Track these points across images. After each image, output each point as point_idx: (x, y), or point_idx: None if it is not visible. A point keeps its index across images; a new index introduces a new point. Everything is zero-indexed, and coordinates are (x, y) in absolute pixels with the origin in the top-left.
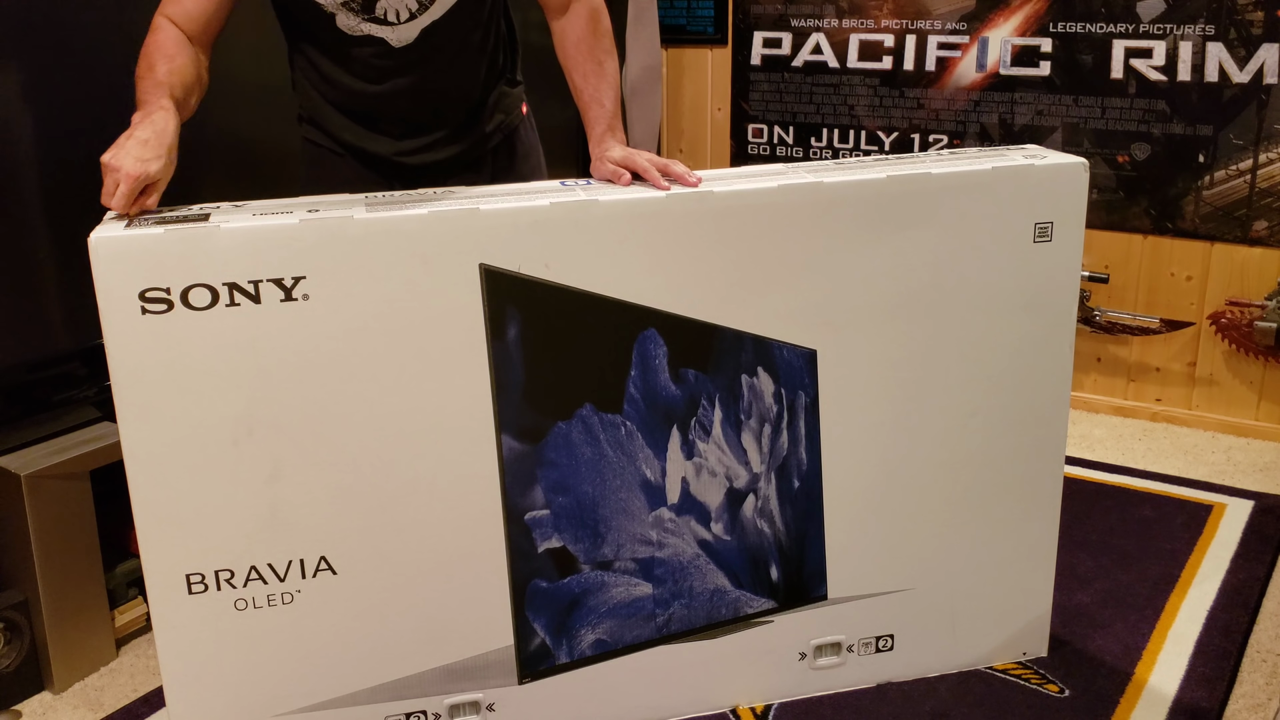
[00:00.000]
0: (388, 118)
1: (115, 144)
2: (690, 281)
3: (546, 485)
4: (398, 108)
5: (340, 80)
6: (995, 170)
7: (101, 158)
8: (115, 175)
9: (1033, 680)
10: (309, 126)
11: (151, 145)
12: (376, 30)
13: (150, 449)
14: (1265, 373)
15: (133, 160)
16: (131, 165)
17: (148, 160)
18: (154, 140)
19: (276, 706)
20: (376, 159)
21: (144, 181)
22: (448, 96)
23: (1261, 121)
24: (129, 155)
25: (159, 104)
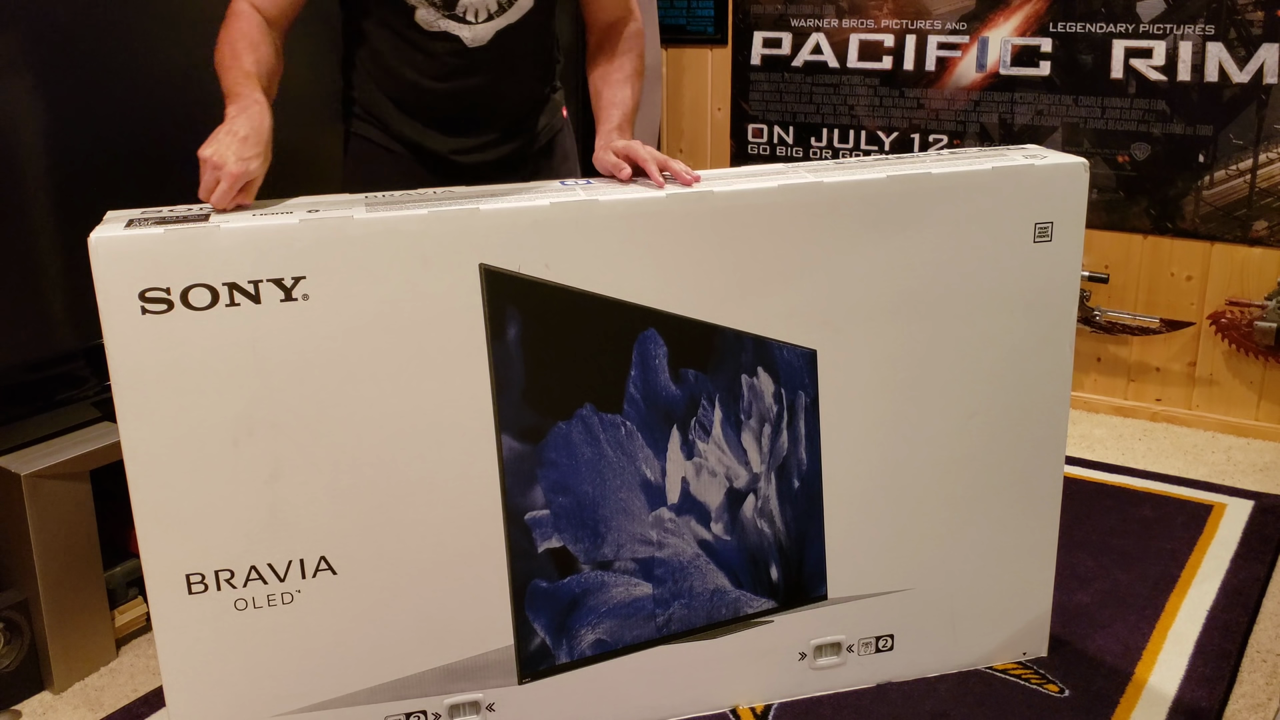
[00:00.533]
0: (446, 115)
1: (212, 138)
2: (690, 281)
3: (546, 485)
4: (459, 106)
5: (404, 75)
6: (995, 170)
7: (200, 152)
8: (217, 172)
9: (1033, 680)
10: (361, 122)
11: (251, 142)
12: (454, 28)
13: (150, 449)
14: (1265, 373)
15: (235, 159)
16: (234, 164)
17: (248, 159)
18: (253, 137)
19: (276, 706)
20: (428, 156)
21: (245, 180)
22: (508, 99)
23: (1261, 121)
24: (231, 153)
25: (253, 97)
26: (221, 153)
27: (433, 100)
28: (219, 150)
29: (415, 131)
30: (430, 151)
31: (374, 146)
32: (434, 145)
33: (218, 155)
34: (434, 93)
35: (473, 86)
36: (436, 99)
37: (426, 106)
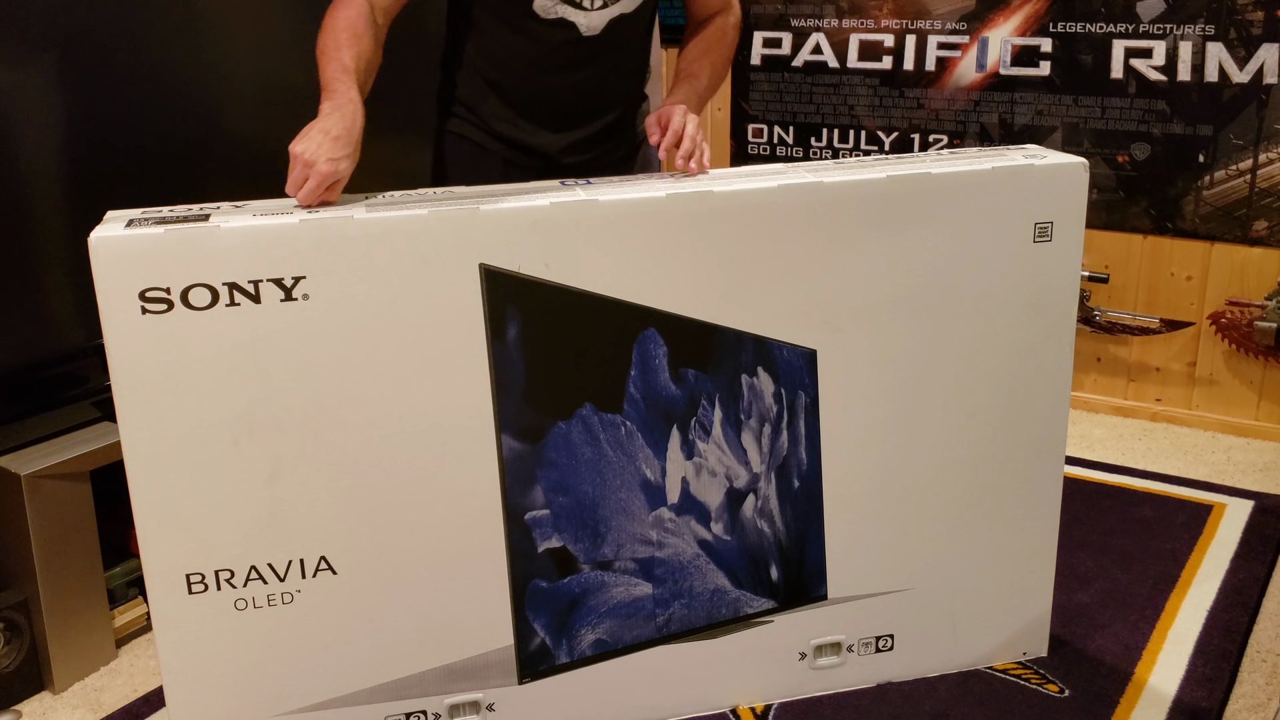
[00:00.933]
0: (552, 110)
1: (304, 134)
2: (690, 281)
3: (546, 485)
4: (566, 100)
5: (514, 65)
6: (995, 170)
7: (292, 148)
8: (307, 170)
9: (1033, 680)
10: (460, 120)
11: (342, 142)
12: (571, 14)
13: (150, 449)
14: (1265, 373)
15: (325, 158)
16: (324, 164)
17: (338, 159)
18: (345, 137)
19: (276, 706)
20: (527, 154)
21: (333, 179)
22: (612, 95)
23: (1261, 121)
24: (322, 153)
25: (349, 95)
26: (313, 151)
27: (541, 93)
28: (310, 148)
29: (517, 128)
30: (530, 149)
31: (471, 145)
32: (536, 141)
33: (309, 153)
34: (544, 85)
35: (583, 79)
36: (546, 92)
37: (534, 100)
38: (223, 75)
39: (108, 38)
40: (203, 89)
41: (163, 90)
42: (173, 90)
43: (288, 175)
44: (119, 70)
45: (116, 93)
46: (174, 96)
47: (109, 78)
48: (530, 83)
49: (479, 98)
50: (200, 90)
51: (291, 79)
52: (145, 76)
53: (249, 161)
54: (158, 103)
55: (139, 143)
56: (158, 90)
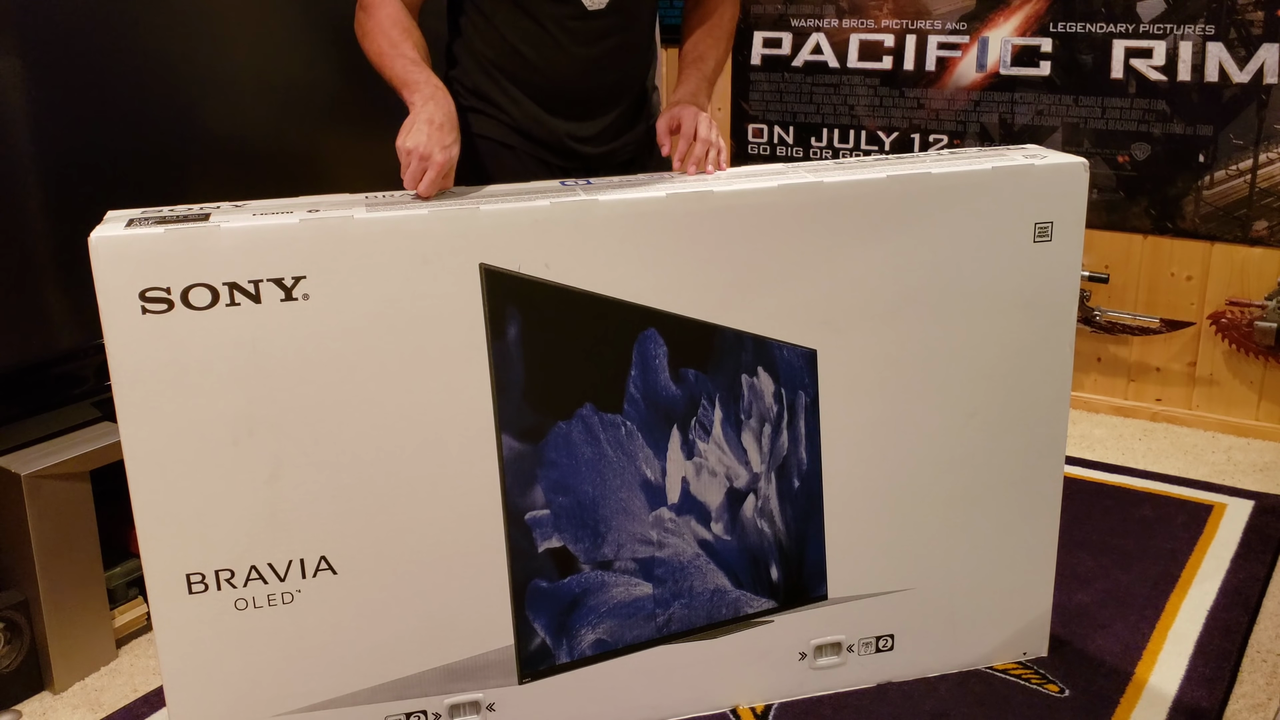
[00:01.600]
0: (564, 95)
1: (408, 129)
2: (690, 281)
3: (546, 485)
4: (578, 83)
5: (522, 49)
6: (995, 170)
7: (402, 144)
8: (424, 163)
9: (1033, 680)
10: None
11: (447, 129)
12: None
13: (150, 449)
14: (1265, 373)
15: (438, 148)
16: (439, 154)
17: (449, 146)
18: (447, 124)
19: (276, 706)
20: (552, 148)
21: (449, 167)
22: (621, 77)
23: (1261, 121)
24: (434, 143)
25: (434, 83)
26: (425, 143)
27: (552, 75)
28: (422, 140)
29: (530, 114)
30: (551, 142)
31: (494, 145)
32: (551, 128)
33: (423, 146)
34: (553, 68)
35: (592, 56)
36: (556, 73)
37: (545, 85)
38: (223, 75)
39: (108, 37)
40: (203, 89)
41: (163, 90)
42: (173, 90)
43: (402, 171)
44: (119, 70)
45: (116, 92)
46: (174, 96)
47: (109, 78)
48: (538, 69)
49: (491, 87)
50: (201, 90)
51: (292, 79)
52: (145, 76)
53: (249, 161)
54: (157, 103)
55: (139, 143)
56: (158, 90)
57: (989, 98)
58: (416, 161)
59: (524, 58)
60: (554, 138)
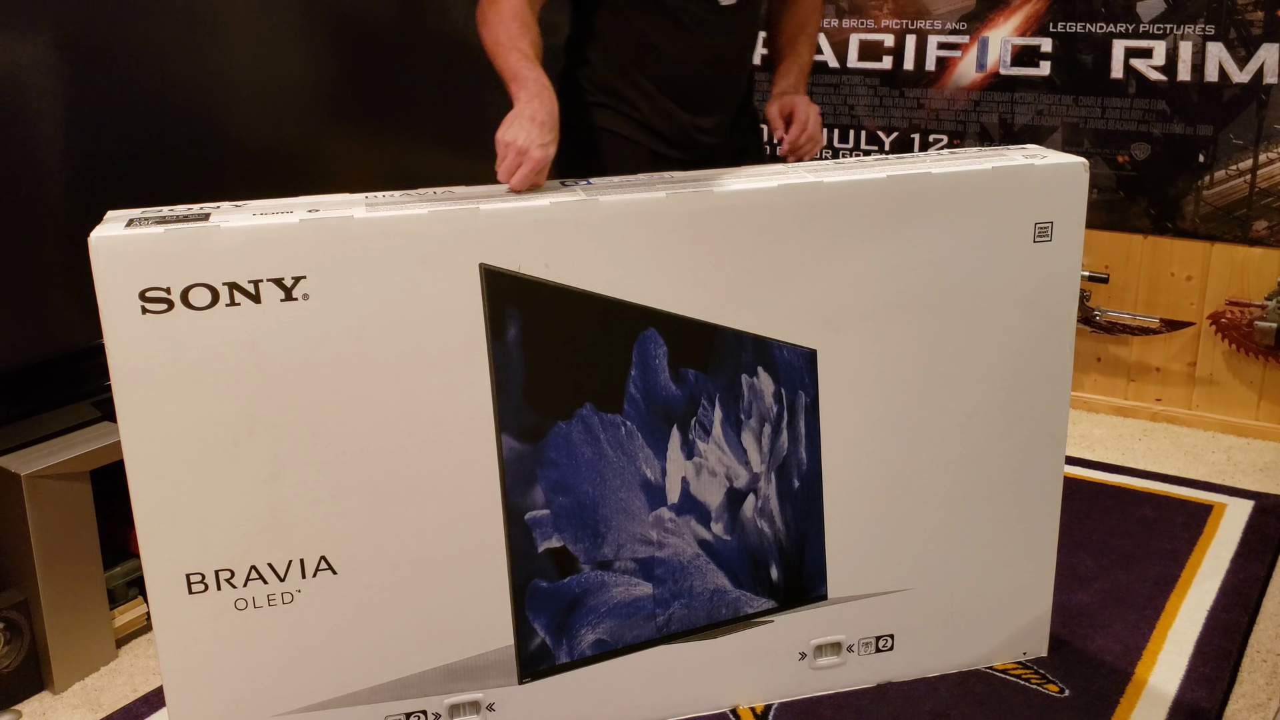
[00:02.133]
0: (694, 87)
1: (510, 122)
2: (690, 281)
3: (546, 485)
4: (704, 76)
5: (656, 43)
6: (995, 170)
7: (501, 136)
8: (520, 157)
9: (1033, 680)
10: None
11: (548, 127)
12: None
13: (150, 449)
14: (1265, 373)
15: (536, 144)
16: (536, 150)
17: (547, 144)
18: (549, 122)
19: (276, 706)
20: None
21: (545, 164)
22: (741, 71)
23: (1261, 121)
24: (533, 139)
25: (542, 81)
26: (524, 138)
27: (681, 68)
28: (521, 135)
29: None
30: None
31: (618, 139)
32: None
33: (521, 140)
34: (683, 59)
35: (718, 52)
36: (685, 66)
37: (674, 77)
38: (223, 75)
39: (108, 37)
40: (203, 89)
41: (163, 90)
42: (173, 90)
43: (498, 163)
44: (119, 70)
45: (117, 92)
46: (174, 96)
47: (109, 77)
48: (673, 57)
49: (622, 82)
50: (201, 90)
51: (292, 79)
52: (146, 76)
53: (249, 161)
54: (158, 102)
55: (139, 143)
56: (158, 90)
57: (989, 98)
58: (513, 155)
59: (657, 51)
60: (680, 131)
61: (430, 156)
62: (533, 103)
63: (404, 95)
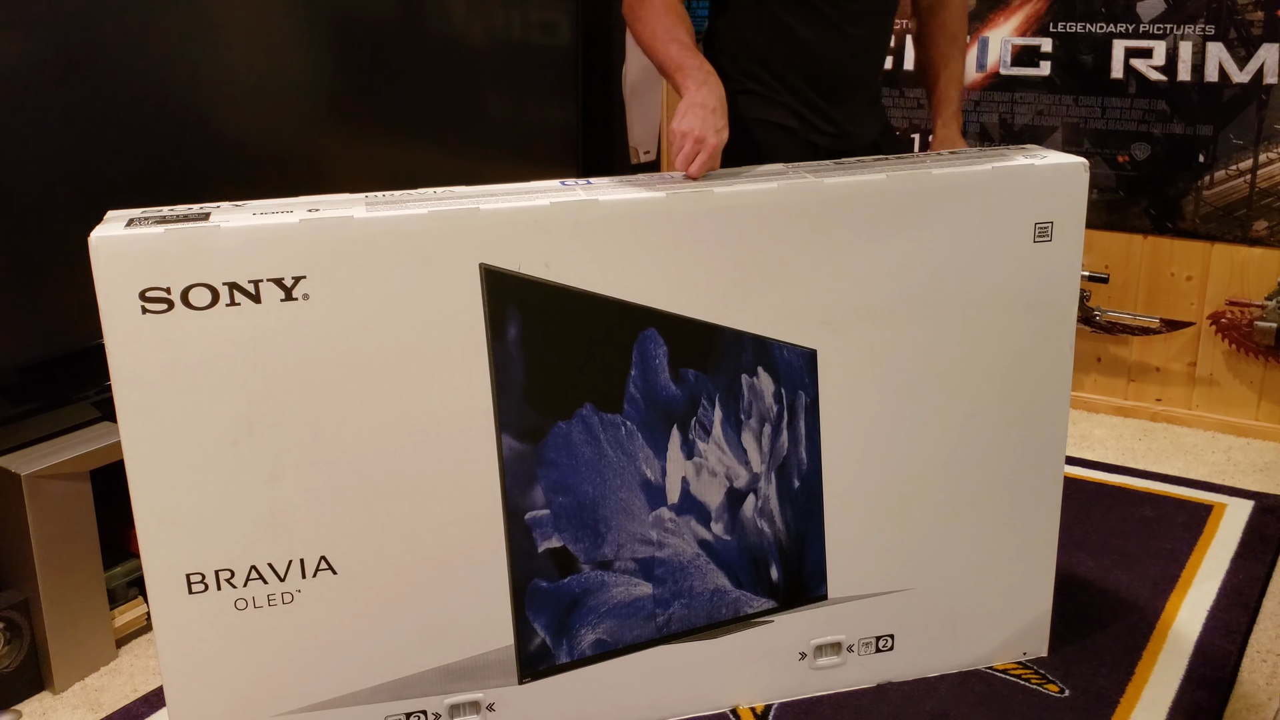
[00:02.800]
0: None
1: (684, 112)
2: (690, 281)
3: (546, 485)
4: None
5: (797, 31)
6: (995, 170)
7: (677, 126)
8: (698, 145)
9: (1033, 680)
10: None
11: (720, 113)
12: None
13: (150, 449)
14: (1265, 373)
15: (712, 131)
16: (713, 136)
17: (721, 129)
18: (720, 108)
19: (276, 706)
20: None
21: (720, 150)
22: (880, 59)
23: (1261, 121)
24: (709, 126)
25: (706, 69)
26: (700, 126)
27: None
28: (697, 124)
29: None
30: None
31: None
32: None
33: (698, 129)
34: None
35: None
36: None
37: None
38: (223, 75)
39: (108, 37)
40: (203, 89)
41: (163, 90)
42: (173, 90)
43: (674, 153)
44: (119, 70)
45: (117, 92)
46: (175, 96)
47: (110, 77)
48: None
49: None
50: (201, 90)
51: (292, 79)
52: (146, 76)
53: (249, 161)
54: (158, 102)
55: (139, 143)
56: (158, 90)
57: (989, 97)
58: (691, 144)
59: (799, 40)
60: (824, 118)
61: (430, 156)
62: (702, 90)
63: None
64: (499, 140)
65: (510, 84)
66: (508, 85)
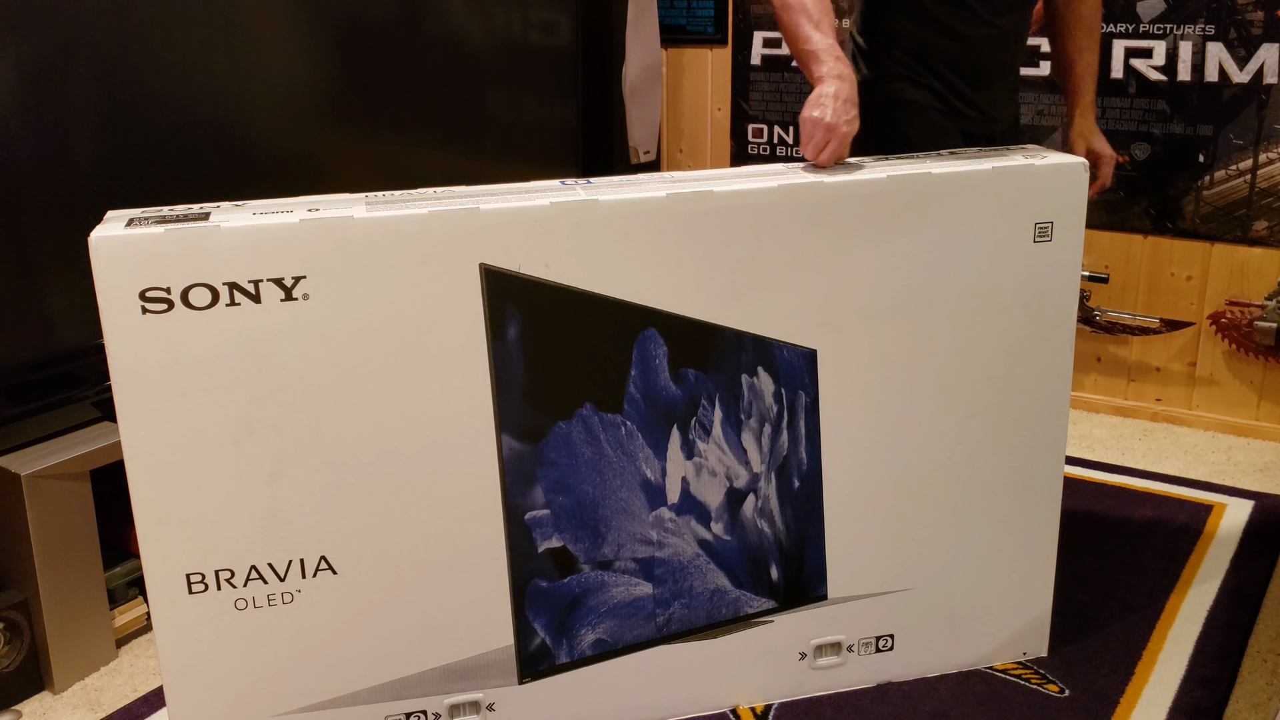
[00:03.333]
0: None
1: (817, 102)
2: (690, 281)
3: (546, 485)
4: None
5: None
6: (995, 170)
7: (809, 115)
8: (829, 134)
9: (1033, 680)
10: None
11: (852, 104)
12: None
13: (150, 449)
14: (1265, 373)
15: (844, 121)
16: (844, 126)
17: (852, 120)
18: (852, 100)
19: (276, 706)
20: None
21: (850, 140)
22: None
23: (1261, 121)
24: (840, 116)
25: (843, 59)
26: (831, 116)
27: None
28: (829, 114)
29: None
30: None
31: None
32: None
33: (829, 118)
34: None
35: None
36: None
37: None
38: (224, 75)
39: (108, 37)
40: (203, 89)
41: (164, 90)
42: (174, 90)
43: (803, 142)
44: (120, 70)
45: (117, 92)
46: (175, 96)
47: (110, 77)
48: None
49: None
50: (201, 90)
51: (292, 79)
52: (146, 76)
53: (249, 161)
54: (158, 102)
55: (139, 143)
56: (159, 90)
57: None
58: (822, 132)
59: (949, 31)
60: (968, 103)
61: (430, 156)
62: (835, 81)
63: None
64: (499, 140)
65: (510, 84)
66: (508, 85)
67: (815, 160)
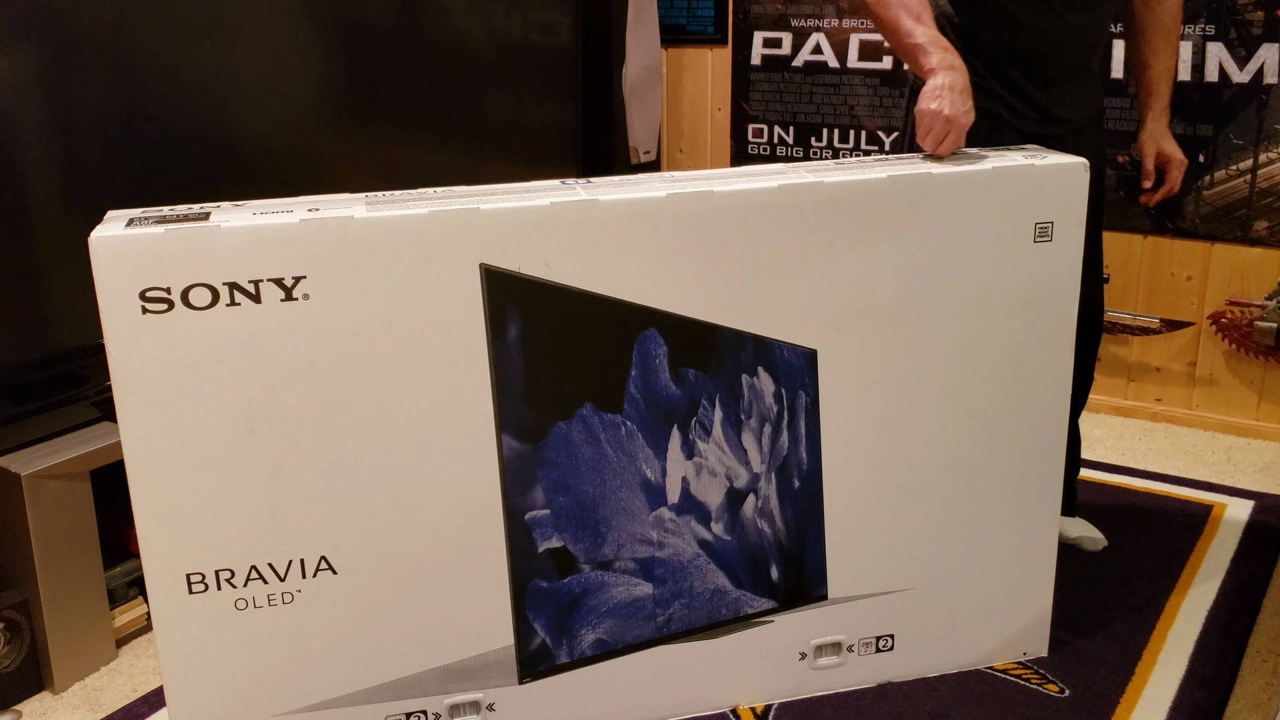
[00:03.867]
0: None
1: (934, 95)
2: (690, 281)
3: (547, 485)
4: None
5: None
6: (995, 170)
7: (926, 107)
8: (948, 125)
9: (1033, 680)
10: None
11: (968, 95)
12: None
13: (150, 449)
14: (1265, 373)
15: (962, 113)
16: (963, 118)
17: (969, 111)
18: (966, 90)
19: (276, 706)
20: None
21: (966, 131)
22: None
23: (1261, 121)
24: (958, 108)
25: (952, 50)
26: (949, 108)
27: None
28: (946, 105)
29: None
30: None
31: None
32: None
33: (948, 110)
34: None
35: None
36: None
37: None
38: (224, 75)
39: (108, 37)
40: (203, 89)
41: (164, 90)
42: (174, 90)
43: (921, 135)
44: (120, 70)
45: (117, 92)
46: (175, 96)
47: (110, 77)
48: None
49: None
50: (201, 90)
51: (292, 79)
52: (146, 76)
53: (249, 161)
54: (158, 103)
55: (139, 143)
56: (159, 90)
57: None
58: (941, 124)
59: (1022, 26)
60: (1029, 104)
61: (430, 156)
62: (950, 73)
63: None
64: (499, 140)
65: (510, 84)
66: (508, 85)
67: (935, 152)
